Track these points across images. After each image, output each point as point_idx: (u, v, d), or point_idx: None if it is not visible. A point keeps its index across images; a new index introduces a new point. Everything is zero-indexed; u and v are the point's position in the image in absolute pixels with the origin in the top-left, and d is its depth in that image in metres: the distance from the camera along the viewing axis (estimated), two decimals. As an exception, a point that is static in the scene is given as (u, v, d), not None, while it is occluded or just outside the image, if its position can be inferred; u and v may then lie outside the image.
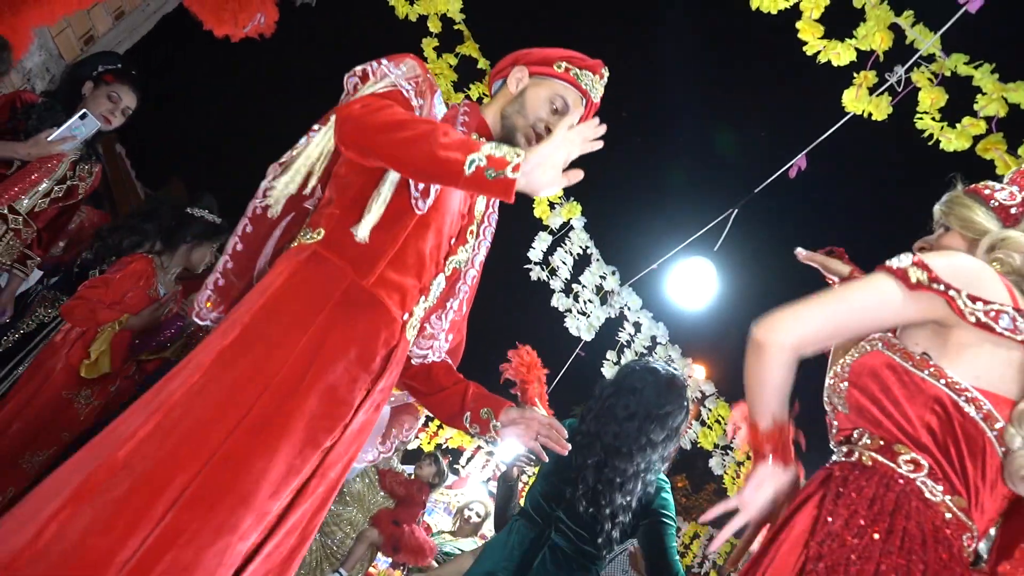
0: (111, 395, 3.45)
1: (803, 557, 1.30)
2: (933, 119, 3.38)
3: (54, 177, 3.08)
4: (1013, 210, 1.49)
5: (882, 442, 1.38)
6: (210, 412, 1.48)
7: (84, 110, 2.95)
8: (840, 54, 3.48)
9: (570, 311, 5.63)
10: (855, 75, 3.55)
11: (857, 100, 3.57)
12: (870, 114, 3.57)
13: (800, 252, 2.03)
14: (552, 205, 5.51)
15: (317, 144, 1.83)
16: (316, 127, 1.86)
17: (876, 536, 1.25)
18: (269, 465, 1.51)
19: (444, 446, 12.36)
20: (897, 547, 1.23)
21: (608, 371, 5.61)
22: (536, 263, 5.57)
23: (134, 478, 1.38)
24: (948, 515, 1.28)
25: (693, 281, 5.68)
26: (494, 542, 2.86)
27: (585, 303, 5.64)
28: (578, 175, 1.53)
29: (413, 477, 4.81)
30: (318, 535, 4.06)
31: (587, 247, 5.59)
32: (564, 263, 5.54)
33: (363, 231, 1.70)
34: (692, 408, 6.27)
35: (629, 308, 5.76)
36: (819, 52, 3.53)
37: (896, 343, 1.42)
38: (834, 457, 1.52)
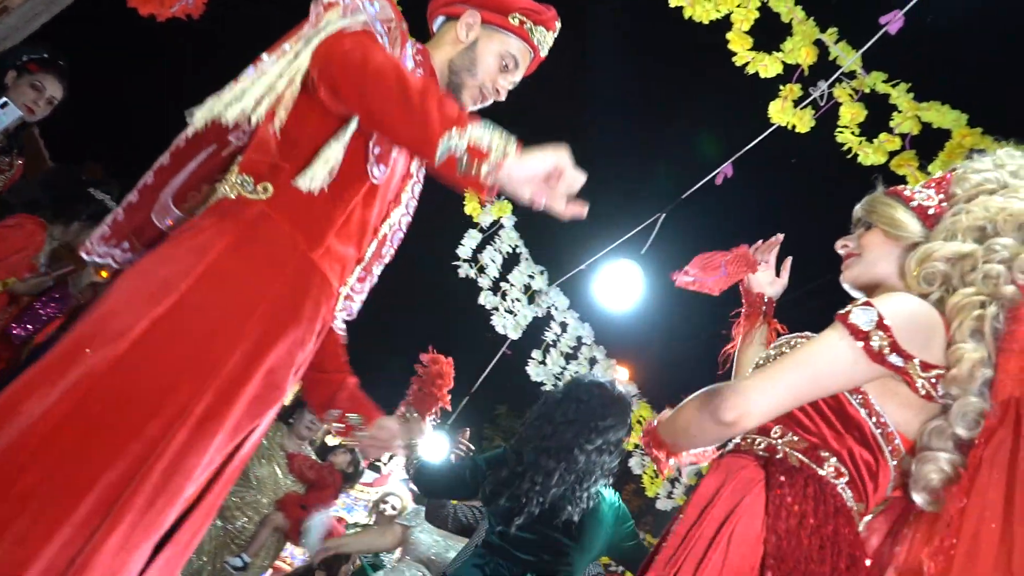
0: None
1: (762, 551, 1.31)
2: (853, 133, 3.51)
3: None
4: (931, 211, 1.53)
5: (807, 444, 1.41)
6: (146, 403, 1.33)
7: (4, 99, 2.81)
8: (767, 66, 3.58)
9: (497, 309, 5.62)
10: (781, 87, 3.66)
11: (782, 112, 3.68)
12: (794, 126, 3.68)
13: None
14: (483, 203, 5.49)
15: (284, 72, 1.56)
16: (265, 56, 1.61)
17: (825, 538, 1.29)
18: (202, 460, 1.40)
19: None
20: (842, 550, 1.29)
21: (533, 370, 5.62)
22: (465, 260, 5.55)
23: (54, 476, 1.24)
24: (856, 520, 1.36)
25: (620, 283, 5.75)
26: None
27: (513, 302, 5.64)
28: (581, 210, 1.36)
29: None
30: (219, 521, 3.88)
31: (516, 246, 5.59)
32: (493, 261, 5.53)
33: (307, 182, 1.53)
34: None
35: (556, 308, 5.79)
36: (748, 63, 3.62)
37: None
38: (735, 441, 1.55)
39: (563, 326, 5.81)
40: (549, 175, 1.31)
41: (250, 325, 1.47)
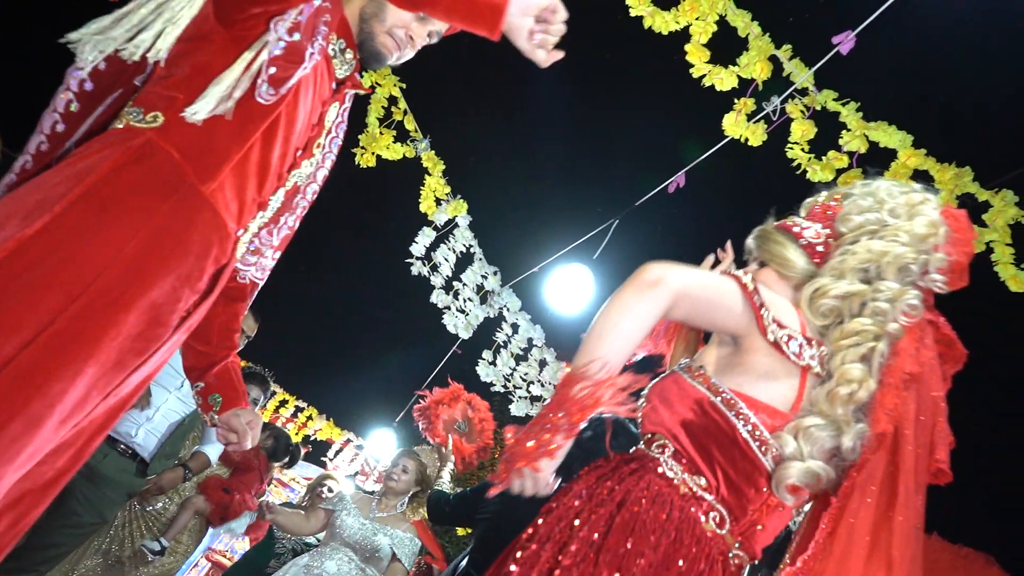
0: None
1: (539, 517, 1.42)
2: (803, 150, 3.60)
3: None
4: (820, 247, 1.63)
5: (648, 435, 1.53)
6: (3, 318, 1.23)
7: None
8: (724, 79, 3.63)
9: (449, 308, 5.62)
10: (736, 101, 3.73)
11: (736, 125, 3.74)
12: (747, 139, 3.75)
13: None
14: (439, 201, 5.48)
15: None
16: None
17: (606, 494, 1.38)
18: (69, 388, 1.30)
19: (312, 438, 12.08)
20: (620, 503, 1.37)
21: (483, 370, 5.63)
22: (418, 258, 5.53)
23: None
24: (684, 490, 1.41)
25: (572, 287, 5.79)
26: None
27: (465, 301, 5.64)
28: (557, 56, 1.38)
29: None
30: (136, 502, 3.71)
31: (470, 246, 5.59)
32: (446, 260, 5.52)
33: (201, 110, 1.45)
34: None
35: (508, 309, 5.81)
36: (704, 75, 3.67)
37: (689, 364, 1.57)
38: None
39: (514, 327, 5.83)
40: (545, 10, 1.34)
41: (127, 251, 1.37)
